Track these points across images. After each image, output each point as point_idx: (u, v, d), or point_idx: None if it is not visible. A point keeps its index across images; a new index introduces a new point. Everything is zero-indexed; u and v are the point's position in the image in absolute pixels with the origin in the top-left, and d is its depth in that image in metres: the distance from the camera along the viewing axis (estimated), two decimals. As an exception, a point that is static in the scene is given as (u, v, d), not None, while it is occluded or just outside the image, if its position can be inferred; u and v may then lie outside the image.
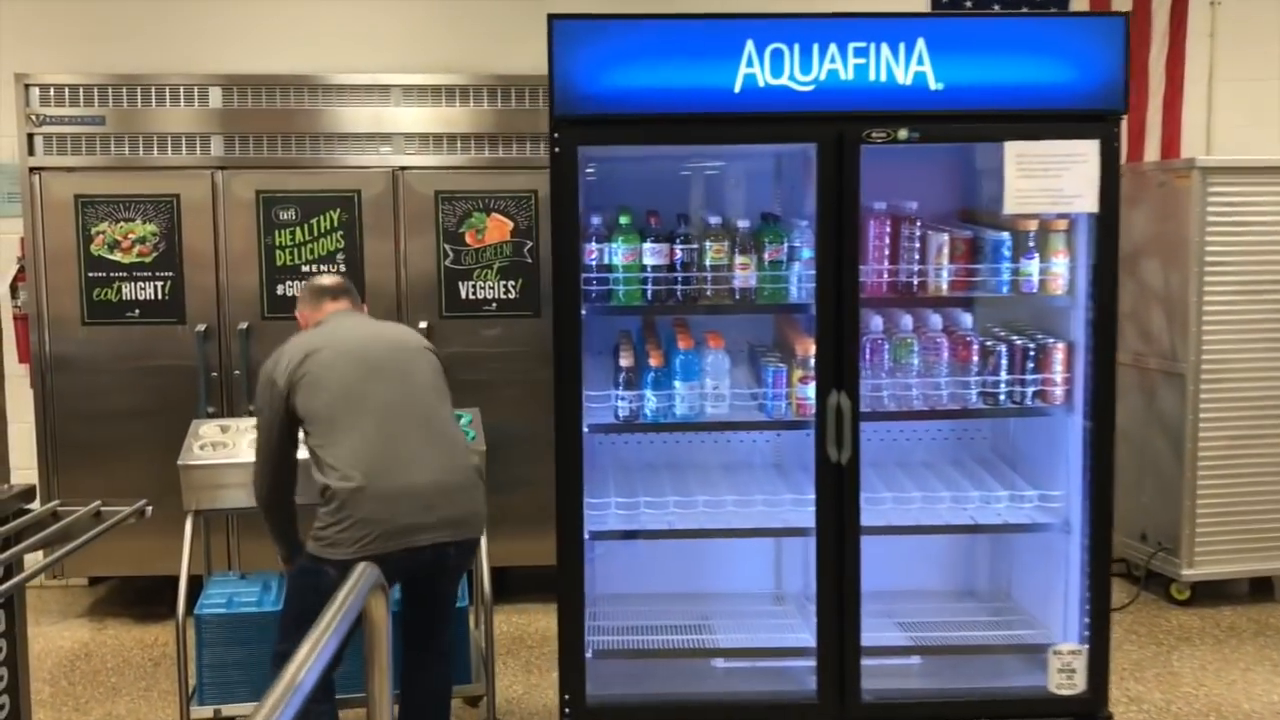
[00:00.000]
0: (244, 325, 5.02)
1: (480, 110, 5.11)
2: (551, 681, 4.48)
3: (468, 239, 5.12)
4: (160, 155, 5.04)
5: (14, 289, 5.36)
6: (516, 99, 5.13)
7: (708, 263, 3.45)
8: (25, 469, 5.29)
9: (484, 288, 5.14)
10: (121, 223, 5.01)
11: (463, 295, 5.13)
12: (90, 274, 5.02)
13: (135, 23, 5.39)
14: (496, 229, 5.13)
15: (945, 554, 4.14)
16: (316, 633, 2.05)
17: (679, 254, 3.46)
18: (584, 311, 3.39)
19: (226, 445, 3.79)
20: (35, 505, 3.27)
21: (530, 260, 5.12)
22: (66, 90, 5.01)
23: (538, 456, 5.11)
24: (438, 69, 5.24)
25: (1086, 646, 3.45)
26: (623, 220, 3.49)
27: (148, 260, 5.01)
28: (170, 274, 5.03)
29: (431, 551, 3.16)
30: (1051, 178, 3.25)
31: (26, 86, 4.99)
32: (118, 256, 5.01)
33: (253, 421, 4.00)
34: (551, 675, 4.54)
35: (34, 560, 3.13)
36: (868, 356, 3.44)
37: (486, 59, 5.36)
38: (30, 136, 5.00)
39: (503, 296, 5.15)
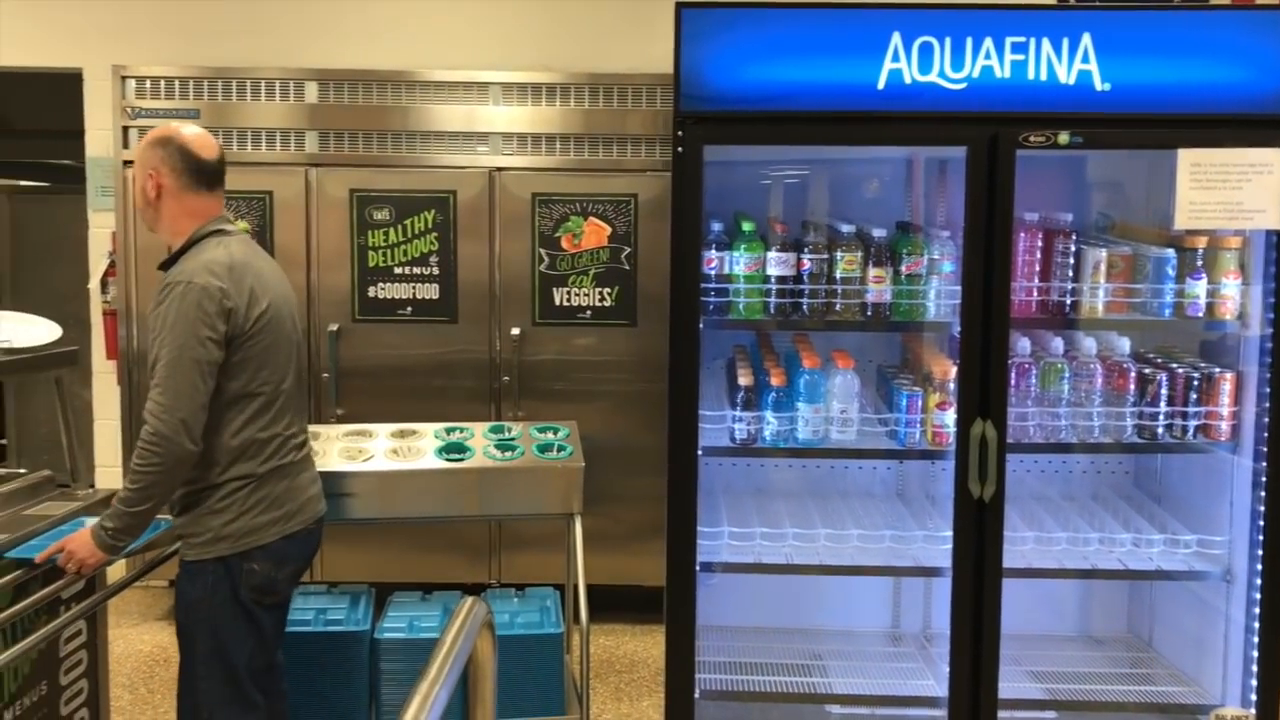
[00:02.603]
0: (334, 327, 4.87)
1: (580, 110, 4.93)
2: (643, 711, 4.26)
3: (564, 243, 4.92)
4: (254, 151, 4.92)
5: (104, 284, 5.29)
6: (619, 99, 4.94)
7: (838, 275, 3.18)
8: (110, 466, 5.25)
9: (579, 294, 4.95)
10: (213, 219, 4.89)
11: (556, 302, 4.94)
12: (180, 271, 4.91)
13: (231, 15, 5.29)
14: (594, 234, 4.93)
15: (1072, 595, 3.83)
16: (425, 683, 1.83)
17: (807, 264, 3.19)
18: (699, 324, 3.14)
19: (316, 453, 3.59)
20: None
21: (628, 267, 4.92)
22: (162, 83, 4.91)
23: (628, 472, 4.94)
24: (536, 67, 5.06)
25: (1253, 712, 3.11)
26: (745, 227, 3.24)
27: (238, 258, 4.87)
28: (260, 272, 4.90)
29: (318, 527, 2.96)
30: (1231, 189, 2.93)
31: (123, 79, 4.91)
32: (208, 253, 4.89)
33: (342, 429, 3.85)
34: (642, 704, 4.32)
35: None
36: (1013, 382, 3.13)
37: (587, 57, 5.19)
38: (125, 130, 4.91)
39: (598, 304, 4.95)
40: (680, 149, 3.00)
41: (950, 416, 3.11)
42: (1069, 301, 3.19)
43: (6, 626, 2.71)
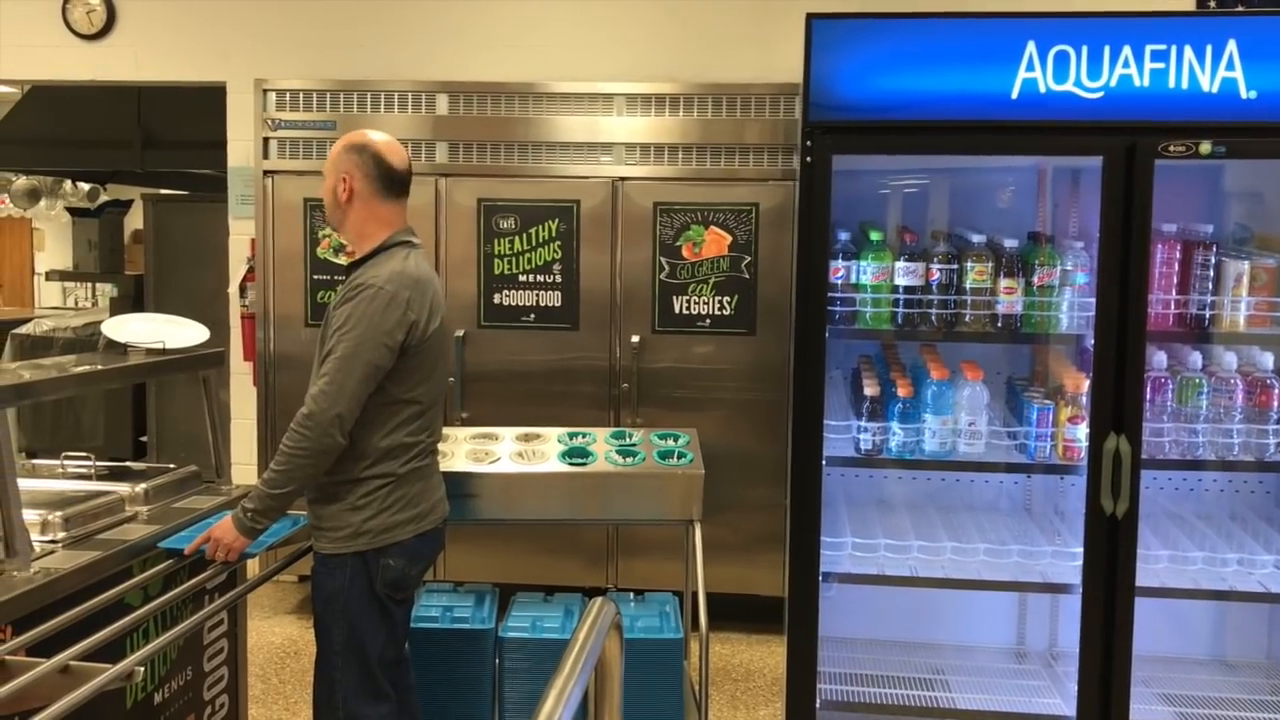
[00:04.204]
0: (460, 333, 4.99)
1: (701, 120, 4.96)
2: (760, 720, 4.27)
3: (684, 252, 4.96)
4: (386, 161, 5.05)
5: (242, 288, 5.51)
6: (740, 108, 4.96)
7: (968, 285, 3.15)
8: (246, 464, 5.46)
9: (698, 303, 4.98)
10: (347, 227, 5.05)
11: (676, 310, 4.98)
12: (315, 276, 5.10)
13: (365, 30, 5.48)
14: (714, 243, 4.96)
15: (1205, 617, 3.71)
16: (560, 678, 1.87)
17: (936, 274, 3.17)
18: (826, 334, 3.14)
19: (445, 455, 3.70)
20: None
21: (747, 276, 4.93)
22: (301, 95, 5.10)
23: (744, 480, 4.95)
24: (659, 78, 5.12)
25: (1404, 745, 2.98)
26: (873, 236, 3.23)
27: (370, 265, 5.02)
28: (391, 279, 5.04)
29: (444, 526, 3.06)
30: (1386, 200, 2.82)
31: (264, 91, 5.11)
32: (342, 260, 5.06)
33: (470, 432, 3.95)
34: (759, 713, 4.33)
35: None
36: (1148, 396, 3.06)
37: (708, 67, 5.23)
38: (265, 140, 5.11)
39: (717, 313, 4.97)
40: (809, 159, 3.01)
41: (1082, 431, 3.05)
42: (1208, 315, 3.10)
43: (155, 615, 2.85)
